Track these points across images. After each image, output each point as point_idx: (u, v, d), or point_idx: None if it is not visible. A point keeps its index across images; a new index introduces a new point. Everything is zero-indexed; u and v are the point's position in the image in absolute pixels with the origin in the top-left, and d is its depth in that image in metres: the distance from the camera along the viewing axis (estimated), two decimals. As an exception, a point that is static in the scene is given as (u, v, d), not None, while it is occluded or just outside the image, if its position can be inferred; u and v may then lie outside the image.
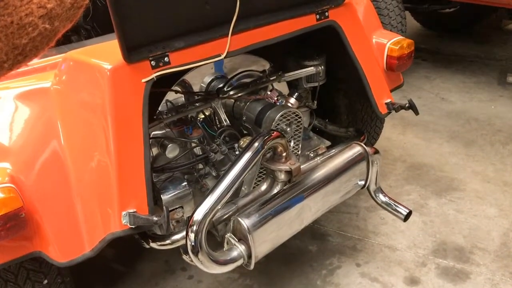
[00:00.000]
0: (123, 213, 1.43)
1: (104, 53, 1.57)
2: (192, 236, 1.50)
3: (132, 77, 1.44)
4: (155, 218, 1.42)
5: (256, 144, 1.65)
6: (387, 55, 2.24)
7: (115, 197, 1.44)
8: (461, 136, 3.45)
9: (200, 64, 1.56)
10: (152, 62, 1.46)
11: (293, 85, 2.27)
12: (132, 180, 1.46)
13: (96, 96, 1.47)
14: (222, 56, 1.60)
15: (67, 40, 2.81)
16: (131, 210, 1.44)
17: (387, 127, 3.37)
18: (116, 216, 1.45)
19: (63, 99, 1.56)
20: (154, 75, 1.46)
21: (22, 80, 1.68)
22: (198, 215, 1.51)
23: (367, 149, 1.88)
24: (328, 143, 2.33)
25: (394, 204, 1.98)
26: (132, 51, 1.41)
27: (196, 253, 1.50)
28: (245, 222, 1.55)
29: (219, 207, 1.55)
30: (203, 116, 2.02)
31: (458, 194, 2.82)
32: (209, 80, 2.08)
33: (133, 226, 1.43)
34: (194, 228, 1.49)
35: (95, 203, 1.51)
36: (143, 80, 1.45)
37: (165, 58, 1.48)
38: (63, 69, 1.58)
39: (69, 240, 1.52)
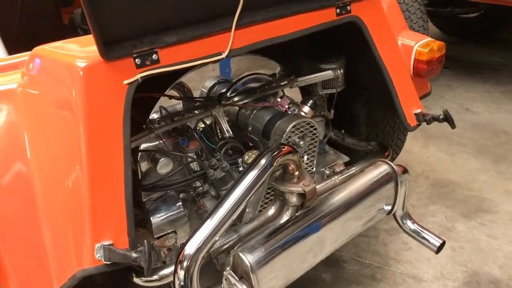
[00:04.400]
0: (97, 245, 1.17)
1: (79, 49, 1.32)
2: (181, 273, 1.23)
3: (111, 78, 1.19)
4: (134, 255, 1.15)
5: (263, 160, 1.39)
6: (414, 59, 2.02)
7: (87, 225, 1.18)
8: (489, 150, 3.16)
9: (196, 63, 1.29)
10: (136, 60, 1.21)
11: (307, 92, 2.04)
12: (109, 205, 1.20)
13: (67, 100, 1.21)
14: (223, 55, 1.34)
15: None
16: (107, 243, 1.18)
17: (407, 139, 3.10)
18: (89, 249, 1.19)
19: (30, 104, 1.31)
20: (138, 76, 1.21)
21: (-14, 81, 1.43)
22: (190, 248, 1.23)
23: (396, 168, 1.60)
24: (346, 158, 2.07)
25: (425, 233, 1.69)
26: (111, 46, 1.16)
27: (186, 295, 1.23)
28: (248, 258, 1.27)
29: (216, 238, 1.28)
30: (202, 126, 1.79)
31: (489, 217, 2.53)
32: (211, 85, 1.83)
33: (108, 263, 1.16)
34: (185, 264, 1.23)
35: (66, 232, 1.25)
36: (125, 82, 1.21)
37: (153, 56, 1.24)
38: (31, 68, 1.33)
39: (33, 276, 1.27)
